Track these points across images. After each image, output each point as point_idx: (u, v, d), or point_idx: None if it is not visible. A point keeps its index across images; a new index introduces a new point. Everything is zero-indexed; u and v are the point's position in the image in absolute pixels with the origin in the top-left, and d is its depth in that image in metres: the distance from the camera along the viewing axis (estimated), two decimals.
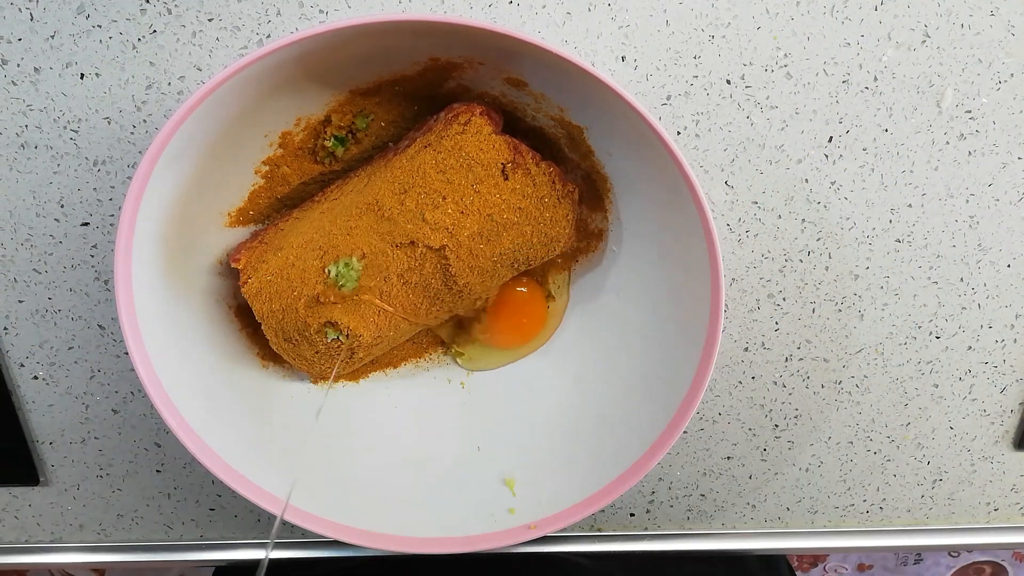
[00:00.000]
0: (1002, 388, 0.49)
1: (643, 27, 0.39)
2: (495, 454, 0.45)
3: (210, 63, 0.40)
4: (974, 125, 0.41)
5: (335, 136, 0.40)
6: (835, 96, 0.41)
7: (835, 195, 0.43)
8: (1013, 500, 0.53)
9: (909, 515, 0.54)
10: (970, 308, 0.46)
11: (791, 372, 0.48)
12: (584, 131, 0.39)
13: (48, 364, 0.47)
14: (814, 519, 0.53)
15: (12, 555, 0.54)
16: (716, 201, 0.43)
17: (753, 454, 0.50)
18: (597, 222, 0.44)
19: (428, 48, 0.36)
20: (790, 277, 0.45)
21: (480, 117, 0.38)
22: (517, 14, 0.39)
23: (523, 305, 0.45)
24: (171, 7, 0.38)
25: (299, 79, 0.36)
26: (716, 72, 0.40)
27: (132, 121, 0.41)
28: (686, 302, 0.40)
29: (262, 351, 0.44)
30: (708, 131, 0.41)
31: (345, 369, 0.43)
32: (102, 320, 0.46)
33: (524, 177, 0.39)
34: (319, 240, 0.39)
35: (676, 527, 0.53)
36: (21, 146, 0.41)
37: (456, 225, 0.38)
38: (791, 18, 0.39)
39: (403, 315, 0.41)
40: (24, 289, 0.45)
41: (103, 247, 0.44)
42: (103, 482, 0.51)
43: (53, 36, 0.39)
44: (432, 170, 0.38)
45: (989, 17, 0.39)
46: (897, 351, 0.47)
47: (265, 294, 0.39)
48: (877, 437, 0.50)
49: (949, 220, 0.44)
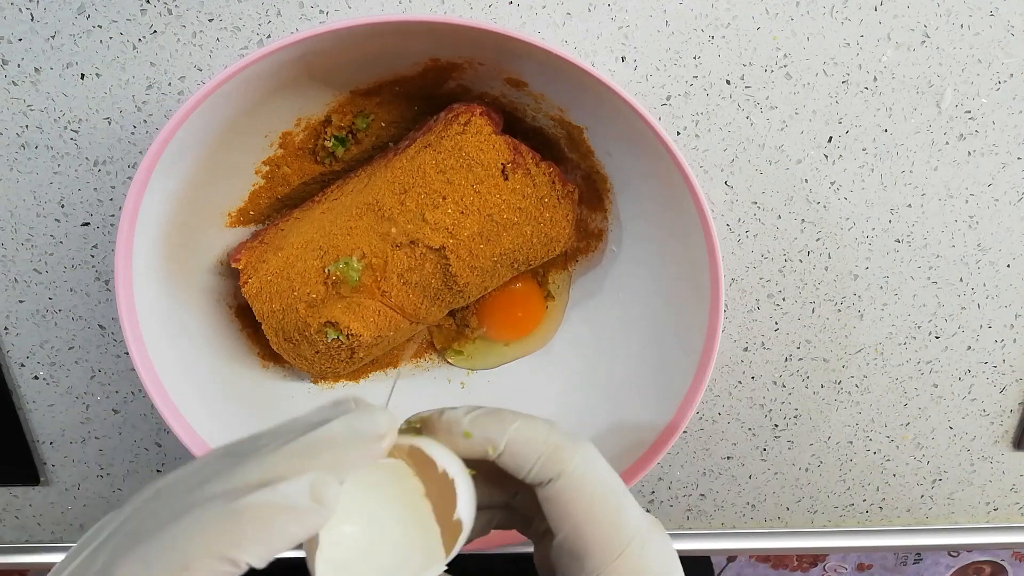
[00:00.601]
0: (1002, 388, 0.49)
1: (643, 27, 0.39)
2: None
3: (210, 63, 0.40)
4: (974, 125, 0.41)
5: (335, 136, 0.40)
6: (835, 96, 0.41)
7: (835, 195, 0.43)
8: (1013, 500, 0.53)
9: (909, 515, 0.54)
10: (969, 308, 0.46)
11: (791, 372, 0.48)
12: (584, 131, 0.39)
13: (48, 364, 0.47)
14: (814, 519, 0.54)
15: (12, 555, 0.54)
16: (716, 201, 0.43)
17: (753, 454, 0.50)
18: (597, 222, 0.44)
19: (428, 48, 0.36)
20: (790, 277, 0.45)
21: (480, 117, 0.38)
22: (517, 14, 0.39)
23: (519, 300, 0.45)
24: (171, 7, 0.38)
25: (299, 79, 0.36)
26: (716, 72, 0.40)
27: (132, 121, 0.41)
28: (686, 302, 0.40)
29: (262, 351, 0.44)
30: (708, 131, 0.41)
31: (345, 369, 0.43)
32: (102, 320, 0.46)
33: (524, 177, 0.39)
34: (319, 240, 0.39)
35: (676, 527, 0.53)
36: (22, 146, 0.41)
37: (456, 225, 0.38)
38: (791, 18, 0.39)
39: (403, 315, 0.41)
40: (25, 289, 0.45)
41: (103, 247, 0.44)
42: (103, 482, 0.51)
43: (54, 36, 0.39)
44: (432, 170, 0.38)
45: (989, 17, 0.39)
46: (897, 351, 0.47)
47: (265, 294, 0.39)
48: (877, 437, 0.50)
49: (949, 220, 0.44)
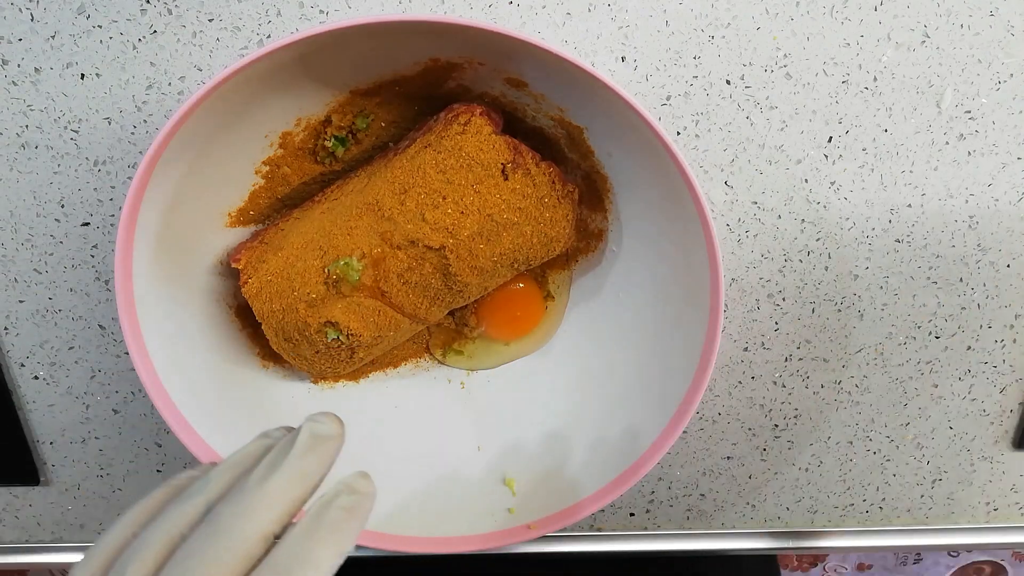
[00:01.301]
0: (1001, 388, 0.49)
1: (643, 27, 0.39)
2: (495, 454, 0.45)
3: (210, 63, 0.40)
4: (974, 125, 0.41)
5: (335, 136, 0.40)
6: (835, 96, 0.41)
7: (835, 195, 0.43)
8: (1013, 500, 0.53)
9: (909, 515, 0.54)
10: (969, 308, 0.46)
11: (791, 372, 0.48)
12: (584, 131, 0.39)
13: (48, 364, 0.47)
14: (814, 519, 0.54)
15: (12, 555, 0.54)
16: (716, 201, 0.43)
17: (753, 454, 0.50)
18: (597, 222, 0.44)
19: (428, 48, 0.36)
20: (790, 277, 0.45)
21: (480, 117, 0.38)
22: (517, 14, 0.39)
23: (518, 299, 0.45)
24: (171, 7, 0.38)
25: (299, 79, 0.36)
26: (716, 72, 0.40)
27: (132, 121, 0.41)
28: (686, 302, 0.40)
29: (262, 351, 0.44)
30: (708, 131, 0.41)
31: (345, 369, 0.43)
32: (102, 320, 0.46)
33: (524, 177, 0.39)
34: (319, 240, 0.39)
35: (676, 527, 0.53)
36: (22, 146, 0.41)
37: (456, 225, 0.38)
38: (791, 18, 0.39)
39: (403, 314, 0.41)
40: (25, 289, 0.45)
41: (103, 247, 0.44)
42: (103, 482, 0.51)
43: (54, 36, 0.39)
44: (432, 170, 0.38)
45: (989, 17, 0.39)
46: (897, 351, 0.47)
47: (265, 294, 0.39)
48: (877, 437, 0.50)
49: (948, 220, 0.44)
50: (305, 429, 0.27)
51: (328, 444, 0.27)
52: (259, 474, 0.26)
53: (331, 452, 0.27)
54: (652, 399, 0.41)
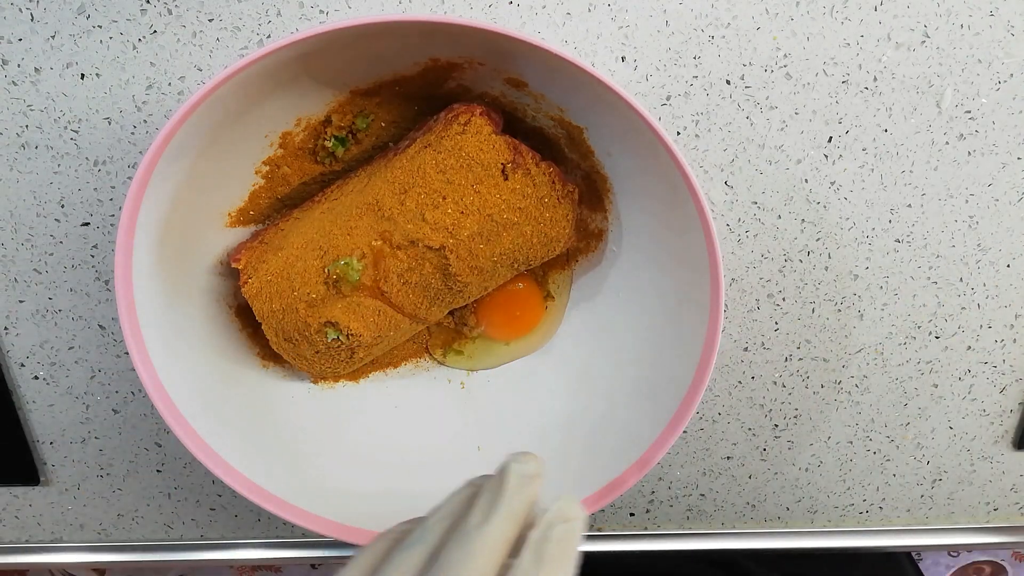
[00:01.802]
0: (1002, 388, 0.49)
1: (643, 27, 0.39)
2: (495, 454, 0.45)
3: (210, 63, 0.40)
4: (974, 125, 0.41)
5: (335, 136, 0.40)
6: (835, 96, 0.41)
7: (835, 195, 0.43)
8: (1013, 500, 0.53)
9: (909, 515, 0.54)
10: (969, 308, 0.46)
11: (791, 372, 0.48)
12: (584, 131, 0.39)
13: (48, 364, 0.47)
14: (814, 519, 0.54)
15: (12, 555, 0.54)
16: (716, 201, 0.43)
17: (753, 454, 0.50)
18: (597, 222, 0.44)
19: (428, 48, 0.36)
20: (790, 277, 0.45)
21: (480, 117, 0.38)
22: (517, 14, 0.39)
23: (518, 299, 0.45)
24: (171, 7, 0.38)
25: (299, 79, 0.36)
26: (716, 72, 0.40)
27: (132, 121, 0.41)
28: (686, 302, 0.40)
29: (262, 351, 0.44)
30: (708, 131, 0.41)
31: (345, 369, 0.43)
32: (102, 320, 0.46)
33: (524, 177, 0.39)
34: (319, 240, 0.39)
35: (676, 527, 0.53)
36: (22, 146, 0.41)
37: (456, 225, 0.38)
38: (791, 18, 0.39)
39: (403, 314, 0.41)
40: (24, 289, 0.45)
41: (103, 247, 0.44)
42: (103, 482, 0.51)
43: (53, 36, 0.39)
44: (432, 170, 0.38)
45: (989, 17, 0.39)
46: (897, 351, 0.47)
47: (265, 294, 0.39)
48: (877, 437, 0.50)
49: (948, 220, 0.44)
50: (513, 472, 0.29)
51: (534, 482, 0.29)
52: (476, 519, 0.28)
53: (537, 490, 0.29)
54: (652, 399, 0.41)
